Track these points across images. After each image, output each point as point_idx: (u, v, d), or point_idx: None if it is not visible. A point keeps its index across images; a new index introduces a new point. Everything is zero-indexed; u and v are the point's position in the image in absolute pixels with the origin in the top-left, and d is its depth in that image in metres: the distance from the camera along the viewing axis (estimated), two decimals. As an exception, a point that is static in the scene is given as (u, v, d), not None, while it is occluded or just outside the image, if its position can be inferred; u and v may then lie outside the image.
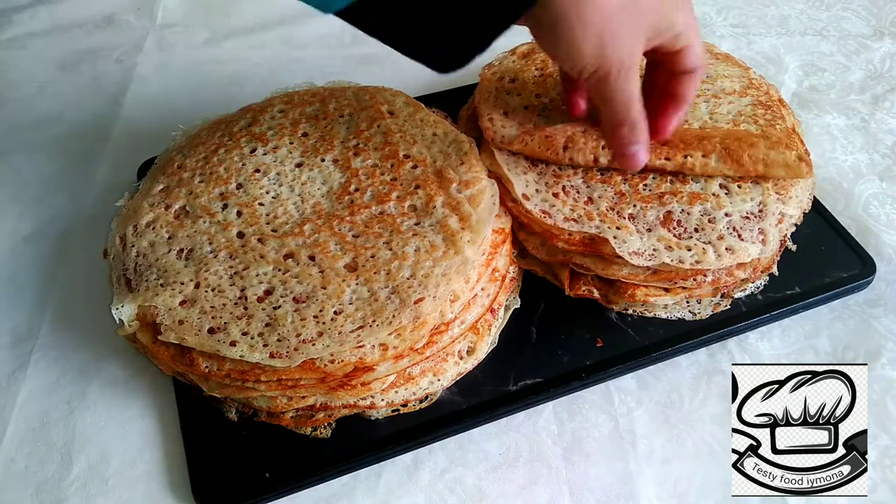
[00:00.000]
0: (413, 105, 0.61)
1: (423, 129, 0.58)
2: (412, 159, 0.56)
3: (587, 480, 0.49)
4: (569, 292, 0.55)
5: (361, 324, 0.46)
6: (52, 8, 0.91)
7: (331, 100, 0.61)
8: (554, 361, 0.52)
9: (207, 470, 0.48)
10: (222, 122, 0.61)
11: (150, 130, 0.74)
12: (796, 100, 0.77)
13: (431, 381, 0.51)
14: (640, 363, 0.53)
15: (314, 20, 0.90)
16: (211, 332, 0.47)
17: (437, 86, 0.75)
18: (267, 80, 0.81)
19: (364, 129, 0.58)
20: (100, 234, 0.58)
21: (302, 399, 0.48)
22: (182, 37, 0.88)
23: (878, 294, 0.58)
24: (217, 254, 0.51)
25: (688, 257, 0.50)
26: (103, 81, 0.82)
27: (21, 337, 0.57)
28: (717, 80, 0.62)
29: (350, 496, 0.48)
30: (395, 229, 0.51)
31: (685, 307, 0.55)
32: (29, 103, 0.79)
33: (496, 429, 0.51)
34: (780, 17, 0.88)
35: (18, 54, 0.85)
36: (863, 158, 0.70)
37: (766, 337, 0.56)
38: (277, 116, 0.60)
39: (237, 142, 0.58)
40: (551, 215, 0.53)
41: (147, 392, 0.53)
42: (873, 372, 0.53)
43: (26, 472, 0.50)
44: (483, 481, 0.49)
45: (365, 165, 0.55)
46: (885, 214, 0.64)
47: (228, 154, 0.57)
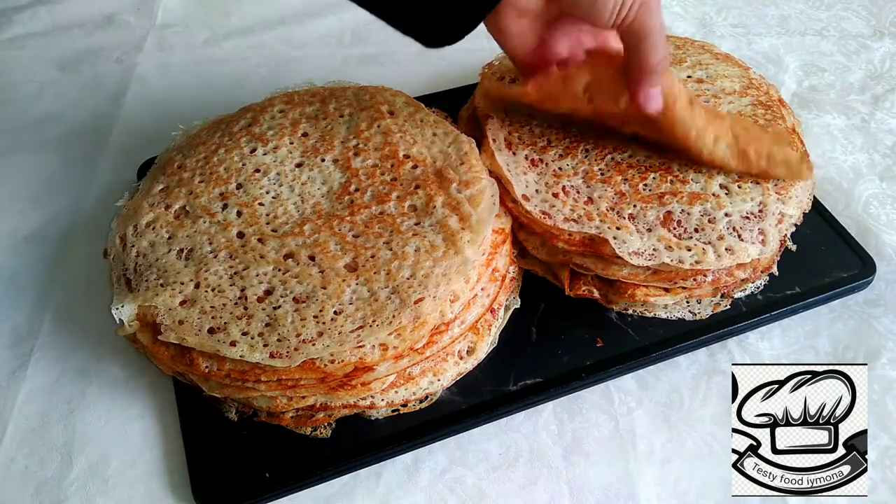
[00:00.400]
0: (413, 105, 0.61)
1: (423, 129, 0.58)
2: (412, 159, 0.56)
3: (587, 480, 0.49)
4: (569, 292, 0.55)
5: (361, 324, 0.46)
6: (52, 8, 0.91)
7: (331, 100, 0.61)
8: (554, 361, 0.52)
9: (207, 470, 0.48)
10: (222, 122, 0.61)
11: (150, 130, 0.74)
12: (796, 100, 0.77)
13: (431, 381, 0.51)
14: (640, 363, 0.53)
15: (314, 20, 0.90)
16: (211, 332, 0.47)
17: (437, 86, 0.75)
18: (267, 80, 0.81)
19: (364, 129, 0.58)
20: (100, 234, 0.58)
21: (302, 399, 0.48)
22: (182, 37, 0.88)
23: (878, 294, 0.58)
24: (217, 254, 0.51)
25: (688, 257, 0.50)
26: (103, 81, 0.82)
27: (21, 337, 0.57)
28: (717, 80, 0.62)
29: (350, 496, 0.48)
30: (395, 229, 0.51)
31: (685, 307, 0.55)
32: (29, 103, 0.79)
33: (496, 429, 0.51)
34: (780, 17, 0.88)
35: (18, 54, 0.85)
36: (863, 158, 0.70)
37: (766, 337, 0.56)
38: (277, 116, 0.60)
39: (237, 142, 0.58)
40: (551, 216, 0.53)
41: (147, 392, 0.53)
42: (873, 372, 0.53)
43: (26, 472, 0.50)
44: (483, 481, 0.49)
45: (365, 165, 0.55)
46: (885, 214, 0.64)
47: (228, 154, 0.57)
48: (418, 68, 0.83)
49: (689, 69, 0.63)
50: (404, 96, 0.62)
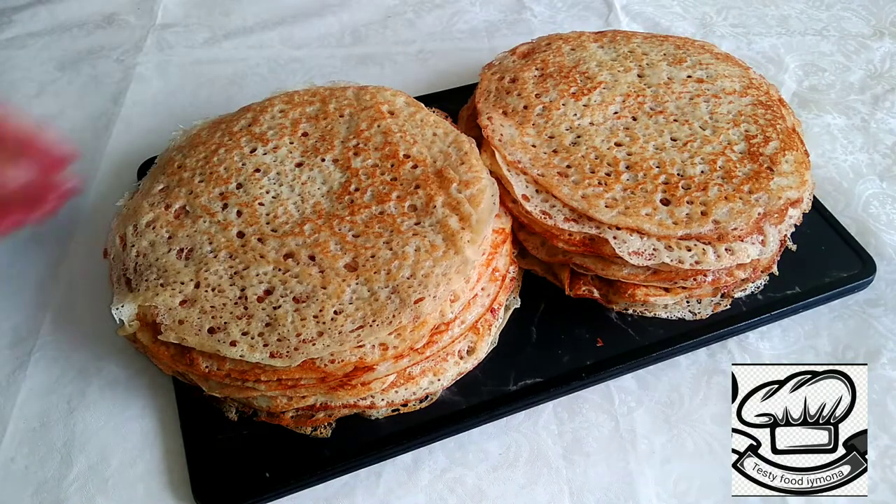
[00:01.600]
0: (413, 105, 0.61)
1: (423, 129, 0.58)
2: (412, 159, 0.56)
3: (587, 480, 0.49)
4: (569, 292, 0.55)
5: (361, 323, 0.46)
6: (52, 8, 0.91)
7: (331, 100, 0.61)
8: (554, 361, 0.52)
9: (207, 469, 0.48)
10: (222, 121, 0.61)
11: (150, 130, 0.74)
12: (796, 100, 0.77)
13: (431, 380, 0.51)
14: (640, 363, 0.53)
15: (314, 20, 0.90)
16: (211, 331, 0.47)
17: (437, 86, 0.75)
18: (267, 80, 0.81)
19: (364, 128, 0.58)
20: (100, 234, 0.58)
21: (302, 399, 0.48)
22: (182, 37, 0.88)
23: (878, 294, 0.58)
24: (217, 253, 0.51)
25: (687, 257, 0.50)
26: (103, 81, 0.82)
27: (21, 337, 0.57)
28: (717, 80, 0.62)
29: (350, 496, 0.48)
30: (395, 229, 0.51)
31: (685, 307, 0.55)
32: (29, 103, 0.79)
33: (496, 429, 0.51)
34: (780, 17, 0.88)
35: (18, 54, 0.85)
36: (863, 158, 0.70)
37: (766, 337, 0.56)
38: (278, 116, 0.60)
39: (237, 141, 0.58)
40: (551, 216, 0.53)
41: (147, 392, 0.53)
42: (873, 372, 0.53)
43: (26, 472, 0.50)
44: (483, 481, 0.49)
45: (365, 165, 0.55)
46: (885, 214, 0.64)
47: (228, 154, 0.57)
48: (418, 68, 0.83)
49: (689, 69, 0.63)
50: (404, 96, 0.62)
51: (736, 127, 0.57)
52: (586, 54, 0.65)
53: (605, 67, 0.63)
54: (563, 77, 0.62)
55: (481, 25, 0.89)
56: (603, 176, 0.54)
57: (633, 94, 0.61)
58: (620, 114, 0.59)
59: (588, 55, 0.65)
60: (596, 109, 0.59)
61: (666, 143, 0.56)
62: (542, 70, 0.63)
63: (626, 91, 0.61)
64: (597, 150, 0.56)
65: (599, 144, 0.56)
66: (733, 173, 0.54)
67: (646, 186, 0.53)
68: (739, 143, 0.56)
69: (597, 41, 0.67)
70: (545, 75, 0.63)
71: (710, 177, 0.54)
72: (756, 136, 0.57)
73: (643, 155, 0.55)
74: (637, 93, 0.61)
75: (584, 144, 0.56)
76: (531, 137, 0.57)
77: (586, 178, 0.54)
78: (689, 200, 0.52)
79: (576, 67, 0.63)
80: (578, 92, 0.60)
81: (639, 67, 0.63)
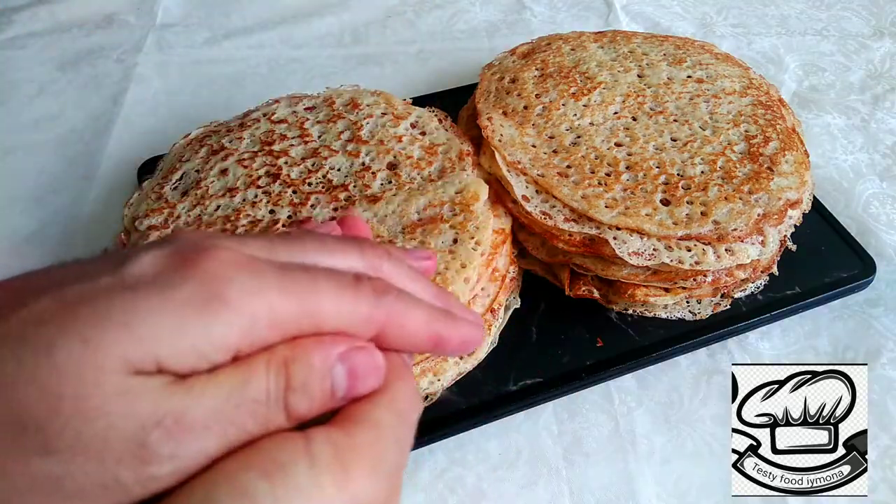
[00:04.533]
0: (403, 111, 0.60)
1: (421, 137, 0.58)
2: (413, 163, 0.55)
3: (587, 480, 0.49)
4: (569, 292, 0.55)
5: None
6: (52, 8, 0.91)
7: (333, 105, 0.61)
8: (554, 361, 0.52)
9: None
10: (225, 125, 0.61)
11: (150, 130, 0.74)
12: (796, 100, 0.77)
13: (431, 381, 0.51)
14: (640, 363, 0.53)
15: (314, 20, 0.90)
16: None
17: (437, 86, 0.75)
18: (267, 80, 0.81)
19: (361, 133, 0.58)
20: (100, 234, 0.58)
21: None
22: (182, 37, 0.88)
23: (878, 294, 0.58)
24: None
25: (687, 258, 0.50)
26: (103, 81, 0.82)
27: (21, 337, 0.57)
28: (717, 80, 0.62)
29: (350, 496, 0.48)
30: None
31: (685, 307, 0.55)
32: (29, 103, 0.79)
33: (496, 429, 0.51)
34: (780, 17, 0.89)
35: (18, 54, 0.85)
36: (863, 158, 0.70)
37: (766, 337, 0.56)
38: (287, 119, 0.60)
39: (241, 144, 0.58)
40: (551, 216, 0.53)
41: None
42: (873, 372, 0.53)
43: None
44: (483, 481, 0.49)
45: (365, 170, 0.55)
46: (885, 214, 0.64)
47: (233, 159, 0.57)
48: (418, 68, 0.83)
49: (689, 69, 0.63)
50: (391, 99, 0.61)
51: (736, 127, 0.57)
52: (586, 54, 0.65)
53: (605, 67, 0.63)
54: (563, 77, 0.62)
55: (481, 25, 0.89)
56: (603, 176, 0.54)
57: (633, 94, 0.61)
58: (620, 114, 0.59)
59: (588, 55, 0.65)
60: (596, 109, 0.59)
61: (666, 144, 0.56)
62: (542, 70, 0.63)
63: (626, 91, 0.61)
64: (597, 151, 0.56)
65: (599, 145, 0.56)
66: (733, 174, 0.54)
67: (646, 187, 0.53)
68: (739, 143, 0.56)
69: (597, 41, 0.67)
70: (545, 75, 0.63)
71: (710, 177, 0.54)
72: (756, 137, 0.57)
73: (643, 155, 0.55)
74: (637, 93, 0.61)
75: (584, 145, 0.56)
76: (531, 138, 0.57)
77: (586, 178, 0.54)
78: (689, 201, 0.52)
79: (576, 67, 0.63)
80: (578, 92, 0.60)
81: (639, 67, 0.63)
